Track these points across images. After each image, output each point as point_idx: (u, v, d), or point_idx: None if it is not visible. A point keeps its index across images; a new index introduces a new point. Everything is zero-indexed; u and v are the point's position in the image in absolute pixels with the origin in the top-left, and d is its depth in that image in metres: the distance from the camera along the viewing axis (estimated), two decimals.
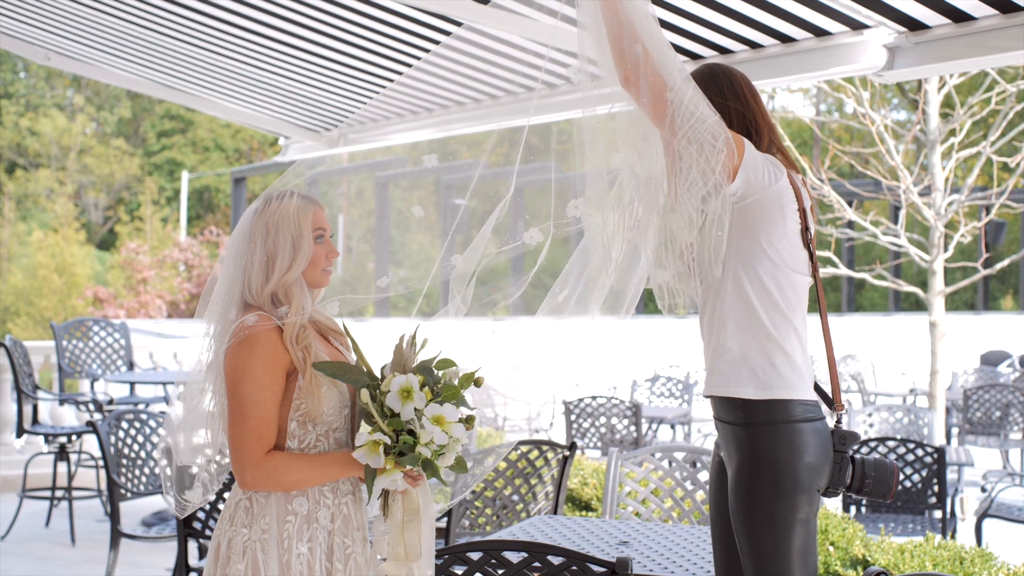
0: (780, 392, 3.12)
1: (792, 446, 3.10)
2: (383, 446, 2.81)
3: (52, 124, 39.20)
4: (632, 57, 2.95)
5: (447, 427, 2.82)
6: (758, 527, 3.12)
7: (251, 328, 2.90)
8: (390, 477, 2.85)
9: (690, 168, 3.01)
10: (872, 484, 3.22)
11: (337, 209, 28.30)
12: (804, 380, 3.16)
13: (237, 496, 3.00)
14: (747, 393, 3.13)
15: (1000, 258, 22.70)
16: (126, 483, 6.40)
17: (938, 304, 9.92)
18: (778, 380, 3.12)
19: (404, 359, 2.91)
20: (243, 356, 2.90)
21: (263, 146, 41.24)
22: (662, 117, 2.99)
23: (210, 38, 6.73)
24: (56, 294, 32.82)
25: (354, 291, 3.18)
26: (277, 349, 2.91)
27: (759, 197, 3.12)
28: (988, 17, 4.49)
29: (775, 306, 3.15)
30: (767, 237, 3.15)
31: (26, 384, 8.81)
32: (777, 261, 3.16)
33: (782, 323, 3.15)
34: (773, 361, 3.13)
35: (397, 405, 2.82)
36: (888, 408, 8.93)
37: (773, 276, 3.15)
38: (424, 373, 2.88)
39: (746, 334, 3.15)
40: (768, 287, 3.15)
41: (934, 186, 9.91)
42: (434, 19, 5.83)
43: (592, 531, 4.53)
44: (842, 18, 4.80)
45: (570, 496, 6.75)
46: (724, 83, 3.29)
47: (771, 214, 3.15)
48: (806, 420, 3.13)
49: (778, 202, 3.15)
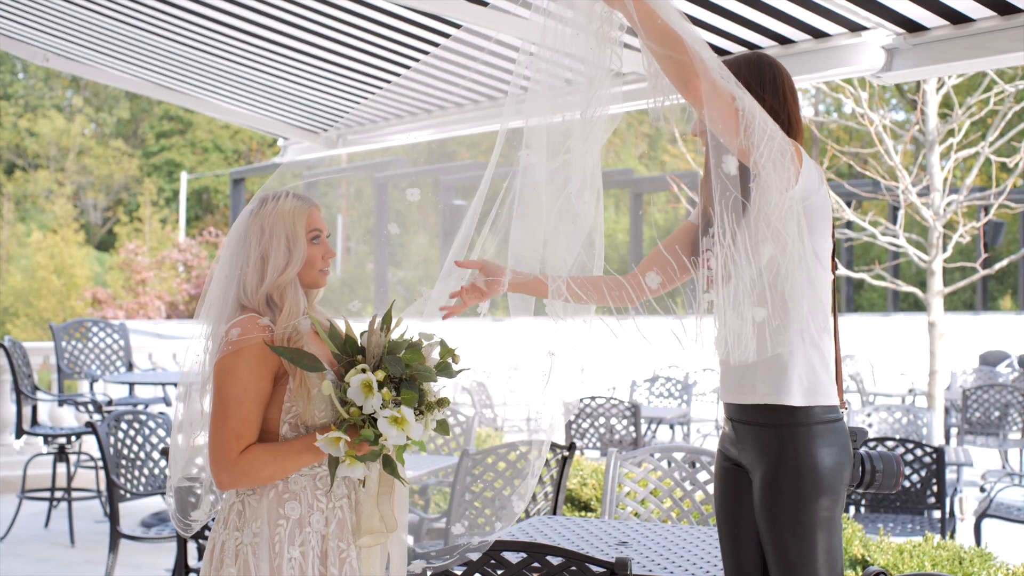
0: (820, 399, 3.09)
1: (824, 446, 3.08)
2: (343, 441, 2.81)
3: (51, 125, 39.20)
4: (700, 63, 2.88)
5: (405, 428, 2.81)
6: (788, 531, 3.07)
7: (235, 343, 2.89)
8: (350, 469, 2.85)
9: (768, 187, 2.93)
10: (882, 477, 3.22)
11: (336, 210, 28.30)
12: (834, 383, 3.15)
13: (231, 499, 3.00)
14: (794, 400, 3.07)
15: (999, 258, 22.70)
16: (125, 484, 6.40)
17: (937, 304, 9.93)
18: (819, 386, 3.09)
19: (373, 343, 2.91)
20: (230, 358, 2.91)
21: (262, 147, 41.25)
22: (735, 127, 2.89)
23: (209, 39, 6.74)
24: (55, 295, 32.83)
25: (352, 292, 3.17)
26: (265, 351, 2.91)
27: (812, 201, 3.07)
28: (986, 19, 4.49)
29: (822, 310, 3.12)
30: (820, 242, 3.10)
31: (25, 385, 8.81)
32: (825, 263, 3.13)
33: (824, 327, 3.13)
34: (815, 367, 3.10)
35: (359, 398, 2.82)
36: (887, 408, 8.93)
37: (821, 279, 3.11)
38: (391, 362, 2.87)
39: (793, 339, 3.07)
40: (818, 291, 3.10)
41: (933, 186, 9.92)
42: (432, 20, 5.83)
43: (591, 531, 4.53)
44: (840, 20, 4.81)
45: (569, 496, 6.75)
46: (768, 75, 3.22)
47: (821, 216, 3.10)
48: (832, 420, 3.11)
49: (826, 204, 3.11)
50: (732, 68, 3.09)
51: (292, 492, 2.95)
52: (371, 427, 2.82)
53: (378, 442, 2.81)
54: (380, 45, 6.40)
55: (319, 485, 2.99)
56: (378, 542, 3.00)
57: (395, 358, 2.88)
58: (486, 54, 6.21)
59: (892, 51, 4.87)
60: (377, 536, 2.99)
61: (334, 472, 2.85)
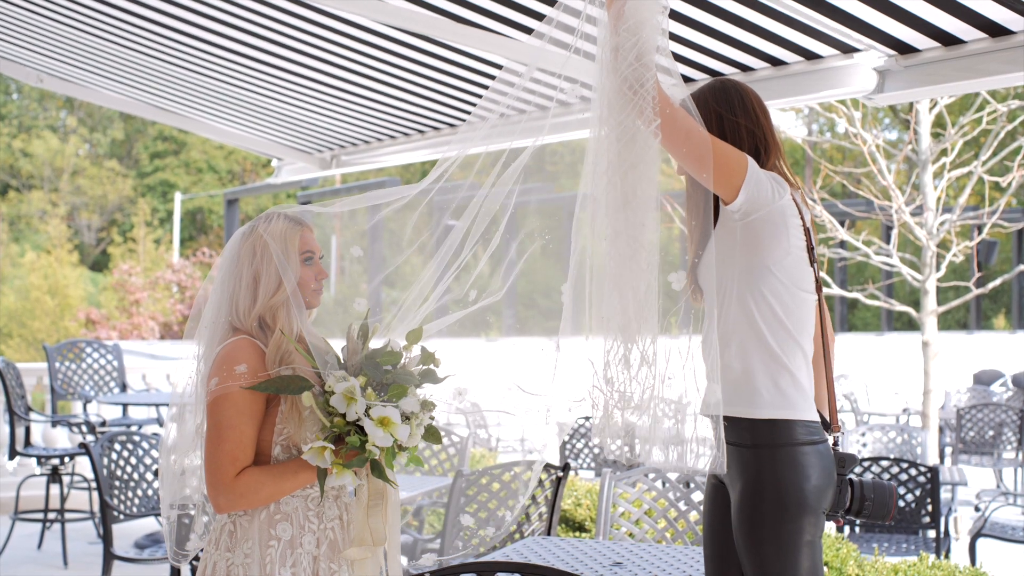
0: (784, 412, 3.08)
1: (797, 469, 3.07)
2: (328, 451, 2.81)
3: (45, 145, 39.23)
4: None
5: (391, 428, 2.81)
6: (764, 550, 3.09)
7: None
8: (339, 478, 2.85)
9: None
10: (871, 506, 3.21)
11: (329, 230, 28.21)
12: (808, 401, 3.13)
13: (222, 520, 2.99)
14: (751, 413, 3.09)
15: (992, 277, 22.72)
16: (119, 505, 6.38)
17: (931, 323, 9.94)
18: (783, 400, 3.09)
19: (351, 351, 2.91)
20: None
21: (256, 167, 41.29)
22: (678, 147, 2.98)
23: (203, 61, 6.76)
24: (49, 315, 32.78)
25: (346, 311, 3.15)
26: (259, 370, 2.90)
27: (764, 213, 3.08)
28: (977, 41, 4.52)
29: (781, 326, 3.12)
30: (772, 255, 3.11)
31: (19, 406, 8.79)
32: (783, 279, 3.13)
33: (788, 343, 3.12)
34: (778, 382, 3.10)
35: (342, 406, 2.82)
36: (881, 428, 8.93)
37: (779, 295, 3.12)
38: (369, 369, 2.87)
39: (750, 354, 3.11)
40: (773, 306, 3.11)
41: (926, 206, 9.94)
42: (426, 43, 5.85)
43: (586, 552, 4.53)
44: (833, 42, 4.83)
45: (563, 517, 6.74)
46: (735, 100, 3.27)
47: (775, 231, 3.11)
48: (810, 443, 3.09)
49: (782, 218, 3.11)
50: (699, 102, 3.17)
51: (284, 513, 2.95)
52: (357, 434, 2.82)
53: (365, 448, 2.81)
54: (374, 67, 6.41)
55: (310, 506, 2.98)
56: (366, 556, 2.98)
57: (373, 362, 2.88)
58: (482, 76, 6.24)
59: (884, 73, 4.90)
60: (365, 550, 2.98)
61: (323, 483, 2.84)
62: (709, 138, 3.00)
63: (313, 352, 2.93)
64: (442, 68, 6.24)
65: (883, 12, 4.33)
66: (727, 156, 3.04)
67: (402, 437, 2.83)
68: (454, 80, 6.43)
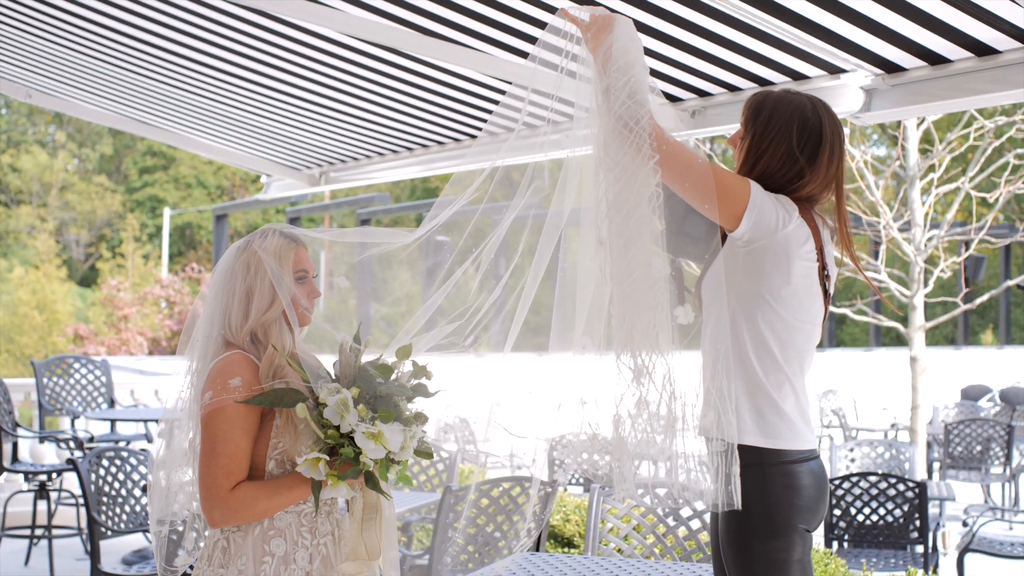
0: (766, 441, 3.05)
1: (785, 487, 3.04)
2: (322, 462, 2.82)
3: (33, 160, 39.16)
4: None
5: (383, 441, 2.82)
6: (753, 568, 3.09)
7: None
8: (334, 490, 2.85)
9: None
10: None
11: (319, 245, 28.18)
12: (795, 430, 3.09)
13: (215, 536, 2.98)
14: (732, 438, 3.03)
15: (980, 293, 22.82)
16: (107, 521, 6.36)
17: (919, 339, 9.97)
18: (766, 428, 3.06)
19: (344, 364, 2.92)
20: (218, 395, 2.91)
21: (245, 183, 41.27)
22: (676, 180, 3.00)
23: (192, 78, 6.77)
24: (37, 331, 32.67)
25: (335, 328, 3.16)
26: (253, 383, 2.91)
27: (766, 242, 3.04)
28: (963, 60, 4.55)
29: (769, 354, 3.08)
30: (768, 285, 3.07)
31: (6, 421, 8.77)
32: (779, 310, 3.08)
33: (774, 372, 3.08)
34: (760, 409, 3.07)
35: (335, 418, 2.83)
36: (869, 443, 8.94)
37: (771, 325, 3.08)
38: (363, 382, 2.88)
39: (736, 378, 3.06)
40: (764, 335, 3.08)
41: (914, 221, 9.99)
42: (414, 62, 5.87)
43: (574, 568, 4.53)
44: (819, 62, 4.85)
45: (552, 533, 6.74)
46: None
47: (776, 260, 3.06)
48: (798, 461, 3.07)
49: (784, 248, 3.07)
50: (783, 132, 3.16)
51: (277, 529, 2.95)
52: (350, 445, 2.83)
53: (359, 459, 2.82)
54: (362, 85, 6.43)
55: (304, 522, 2.98)
56: (361, 571, 2.98)
57: (367, 374, 2.89)
58: (470, 96, 6.26)
59: (871, 92, 4.92)
60: (360, 564, 2.98)
61: (318, 496, 2.85)
62: (709, 168, 2.98)
63: (305, 368, 2.94)
64: (430, 87, 6.26)
65: (869, 32, 4.36)
66: (727, 185, 3.01)
67: (394, 448, 2.84)
68: (442, 99, 6.45)
